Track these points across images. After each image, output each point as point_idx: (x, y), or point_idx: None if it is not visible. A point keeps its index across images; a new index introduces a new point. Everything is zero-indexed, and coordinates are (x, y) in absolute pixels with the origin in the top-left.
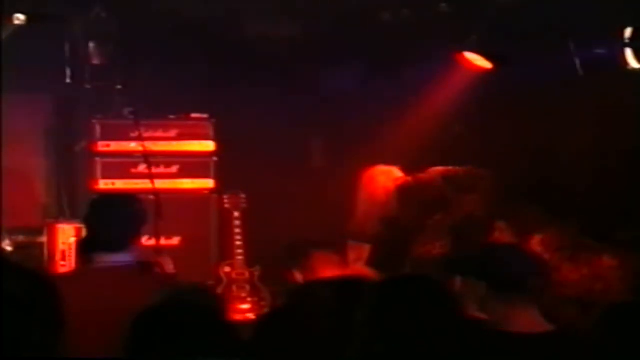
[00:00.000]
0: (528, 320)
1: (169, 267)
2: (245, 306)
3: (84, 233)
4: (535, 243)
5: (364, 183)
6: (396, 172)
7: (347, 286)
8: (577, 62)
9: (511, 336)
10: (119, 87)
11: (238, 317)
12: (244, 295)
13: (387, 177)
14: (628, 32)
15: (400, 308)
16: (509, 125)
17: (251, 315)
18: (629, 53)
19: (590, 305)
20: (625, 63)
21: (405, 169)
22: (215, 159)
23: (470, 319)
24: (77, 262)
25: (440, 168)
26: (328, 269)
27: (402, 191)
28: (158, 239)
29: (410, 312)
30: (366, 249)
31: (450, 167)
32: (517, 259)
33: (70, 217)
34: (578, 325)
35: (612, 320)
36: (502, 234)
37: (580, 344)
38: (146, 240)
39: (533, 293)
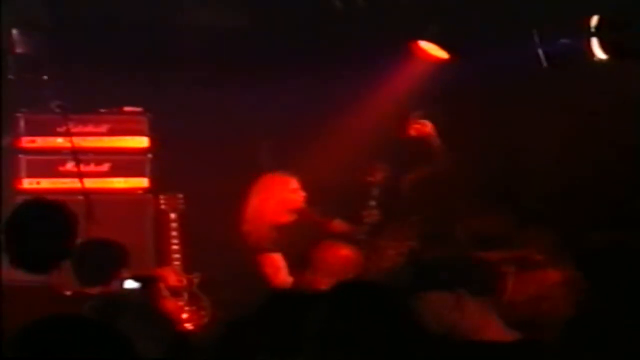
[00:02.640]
0: (500, 327)
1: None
2: (183, 315)
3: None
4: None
5: (258, 189)
6: (292, 183)
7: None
8: (541, 53)
9: (486, 346)
10: (46, 78)
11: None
12: (181, 304)
13: (282, 187)
14: (594, 21)
15: (350, 316)
16: (468, 122)
17: (189, 326)
18: (595, 43)
19: (538, 326)
20: (592, 54)
21: (303, 181)
22: (150, 156)
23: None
24: None
25: None
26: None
27: None
28: None
29: (362, 322)
30: (278, 257)
31: None
32: (484, 263)
33: None
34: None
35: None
36: None
37: (551, 350)
38: None
39: (496, 295)
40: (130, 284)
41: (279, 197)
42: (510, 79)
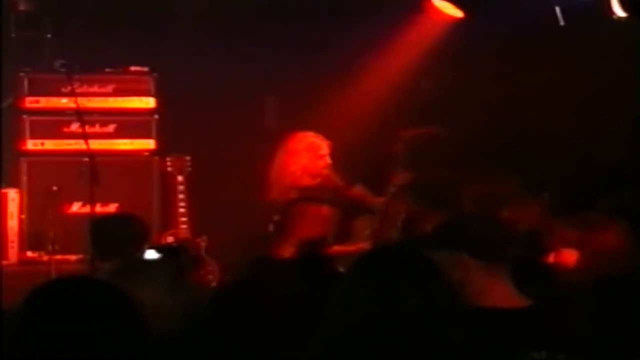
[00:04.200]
0: (507, 293)
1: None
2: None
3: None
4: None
5: (287, 150)
6: (320, 144)
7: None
8: (558, 11)
9: (490, 311)
10: (49, 36)
11: None
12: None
13: (307, 148)
14: None
15: (382, 282)
16: (483, 83)
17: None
18: (614, 1)
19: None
20: (611, 12)
21: (335, 144)
22: (156, 117)
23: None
24: None
25: None
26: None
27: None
28: (93, 206)
29: (390, 287)
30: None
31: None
32: (494, 227)
33: None
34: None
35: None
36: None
37: (558, 319)
38: (79, 208)
39: (509, 263)
40: (151, 255)
41: (305, 160)
42: (526, 38)
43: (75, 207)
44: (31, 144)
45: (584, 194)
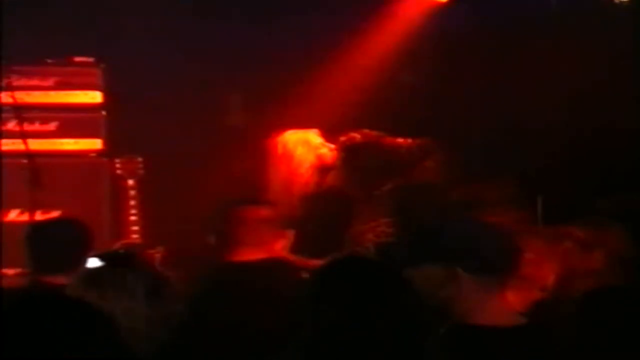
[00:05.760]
0: (504, 310)
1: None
2: None
3: None
4: None
5: (278, 154)
6: (314, 138)
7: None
8: None
9: (486, 331)
10: None
11: None
12: None
13: (305, 146)
14: None
15: (344, 292)
16: (471, 73)
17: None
18: None
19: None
20: None
21: (326, 132)
22: (104, 113)
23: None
24: None
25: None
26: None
27: (348, 152)
28: (33, 213)
29: (351, 297)
30: (289, 235)
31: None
32: (492, 235)
33: None
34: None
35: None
36: None
37: (558, 338)
38: (17, 215)
39: (508, 276)
40: (94, 264)
41: (308, 159)
42: (516, 23)
43: (13, 215)
44: None
45: (582, 196)
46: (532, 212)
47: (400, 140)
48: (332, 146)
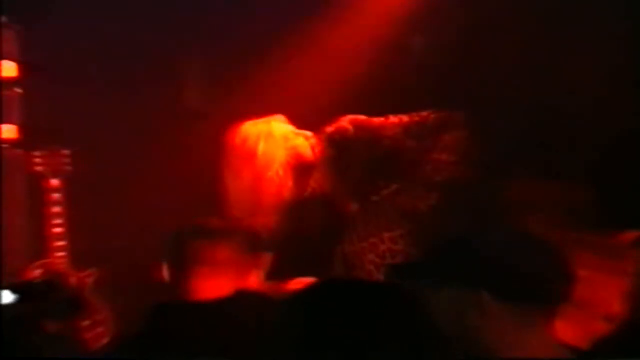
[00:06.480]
0: (545, 346)
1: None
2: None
3: None
4: None
5: (237, 154)
6: (280, 128)
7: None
8: None
9: None
10: None
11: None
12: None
13: (270, 140)
14: None
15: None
16: (489, 43)
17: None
18: None
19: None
20: None
21: (298, 120)
22: (19, 90)
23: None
24: None
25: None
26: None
27: (336, 147)
28: None
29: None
30: (265, 259)
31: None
32: (533, 249)
33: None
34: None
35: None
36: None
37: None
38: None
39: (554, 304)
40: (5, 297)
41: (277, 156)
42: None
43: None
44: None
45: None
46: (585, 215)
47: (403, 117)
48: (309, 134)
